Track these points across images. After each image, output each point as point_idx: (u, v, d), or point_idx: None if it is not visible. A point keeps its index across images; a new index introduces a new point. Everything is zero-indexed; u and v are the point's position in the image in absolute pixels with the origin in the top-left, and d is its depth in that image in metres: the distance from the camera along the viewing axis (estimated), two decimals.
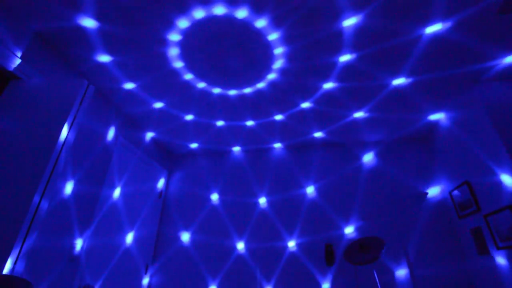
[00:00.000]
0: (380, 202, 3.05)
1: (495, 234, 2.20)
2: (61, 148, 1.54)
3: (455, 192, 2.69)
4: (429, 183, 3.06)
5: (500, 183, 2.15)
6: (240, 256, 3.08)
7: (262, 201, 3.32)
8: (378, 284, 2.29)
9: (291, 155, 3.54)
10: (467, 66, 2.21)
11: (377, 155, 3.32)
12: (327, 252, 2.84)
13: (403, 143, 3.33)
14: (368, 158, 3.32)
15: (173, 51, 2.08)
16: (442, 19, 1.82)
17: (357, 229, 2.96)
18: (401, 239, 2.73)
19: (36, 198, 1.40)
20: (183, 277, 3.06)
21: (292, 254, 2.98)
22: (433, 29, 1.89)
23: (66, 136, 1.57)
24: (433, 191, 3.00)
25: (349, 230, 2.98)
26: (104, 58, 2.15)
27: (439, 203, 2.94)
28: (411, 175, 3.13)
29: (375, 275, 2.33)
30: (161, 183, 3.50)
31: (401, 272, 2.71)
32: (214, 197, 3.45)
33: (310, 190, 3.27)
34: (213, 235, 3.24)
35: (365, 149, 3.38)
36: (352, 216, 3.04)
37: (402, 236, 2.84)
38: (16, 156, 1.50)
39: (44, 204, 1.44)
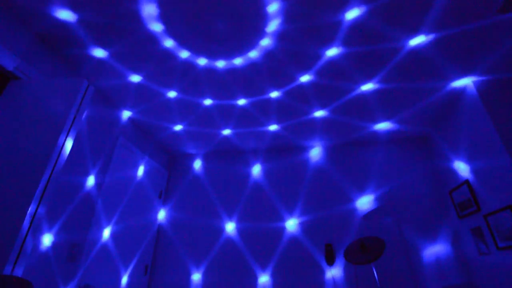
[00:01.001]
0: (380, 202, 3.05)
1: (495, 234, 2.20)
2: (61, 148, 1.54)
3: (455, 192, 2.69)
4: (429, 183, 3.06)
5: (500, 183, 2.15)
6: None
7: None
8: (378, 284, 2.29)
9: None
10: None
11: (378, 153, 3.32)
12: (327, 252, 2.84)
13: (403, 143, 3.33)
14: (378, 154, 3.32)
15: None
16: None
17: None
18: (401, 239, 2.74)
19: (36, 198, 1.40)
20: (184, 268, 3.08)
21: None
22: None
23: (66, 136, 1.57)
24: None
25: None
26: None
27: (439, 203, 2.94)
28: (411, 175, 3.13)
29: (375, 275, 2.33)
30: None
31: (401, 272, 2.71)
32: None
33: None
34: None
35: (371, 146, 3.38)
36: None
37: (403, 236, 2.84)
38: (16, 156, 1.50)
39: (42, 209, 1.44)
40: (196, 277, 3.04)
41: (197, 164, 3.73)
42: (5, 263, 1.25)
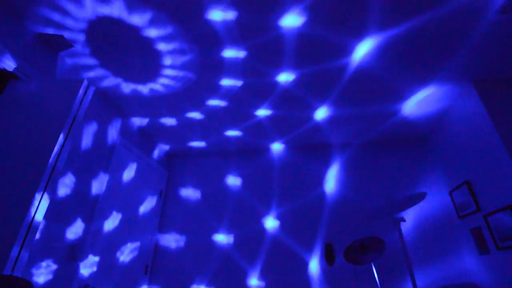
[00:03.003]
0: (380, 201, 3.05)
1: (495, 234, 2.20)
2: (61, 148, 1.54)
3: (455, 192, 2.68)
4: (428, 183, 3.05)
5: (500, 183, 2.15)
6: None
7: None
8: (378, 284, 2.30)
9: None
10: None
11: (373, 154, 3.32)
12: (327, 252, 2.84)
13: (402, 143, 3.32)
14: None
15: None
16: None
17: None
18: (401, 239, 2.74)
19: (37, 197, 1.40)
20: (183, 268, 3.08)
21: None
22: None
23: (66, 136, 1.57)
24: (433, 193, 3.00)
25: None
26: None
27: (439, 203, 2.93)
28: (410, 175, 3.12)
29: (375, 274, 2.33)
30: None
31: (401, 272, 2.71)
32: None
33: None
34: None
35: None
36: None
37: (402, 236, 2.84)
38: (16, 156, 1.51)
39: (45, 203, 1.45)
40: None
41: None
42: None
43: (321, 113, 2.89)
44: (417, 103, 2.69)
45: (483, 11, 1.77)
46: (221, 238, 3.20)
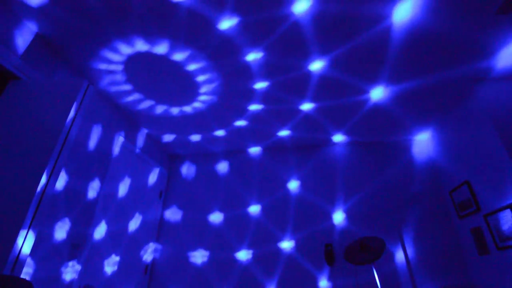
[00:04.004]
0: (380, 202, 3.05)
1: (495, 234, 2.20)
2: (61, 148, 1.54)
3: (455, 192, 2.69)
4: (429, 184, 3.06)
5: (500, 183, 2.15)
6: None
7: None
8: (378, 284, 2.29)
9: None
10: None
11: (371, 154, 3.32)
12: (326, 252, 2.84)
13: (402, 144, 3.33)
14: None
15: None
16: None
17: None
18: (401, 238, 2.74)
19: (36, 197, 1.40)
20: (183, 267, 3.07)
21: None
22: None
23: (66, 136, 1.57)
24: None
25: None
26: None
27: (439, 203, 2.94)
28: (409, 175, 3.13)
29: (375, 274, 2.33)
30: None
31: (401, 272, 2.71)
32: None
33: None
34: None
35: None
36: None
37: (401, 236, 2.84)
38: (16, 156, 1.50)
39: (42, 209, 1.44)
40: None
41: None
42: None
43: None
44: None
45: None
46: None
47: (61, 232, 2.05)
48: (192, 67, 2.23)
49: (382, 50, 2.06)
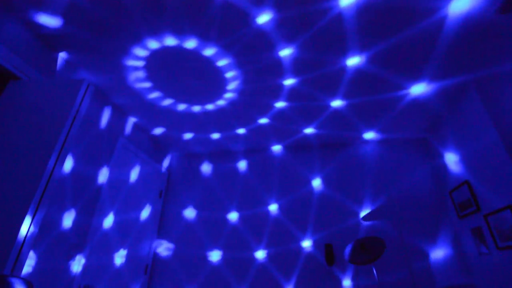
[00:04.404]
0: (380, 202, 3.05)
1: (495, 234, 2.20)
2: (61, 148, 1.54)
3: (455, 192, 2.69)
4: (429, 184, 3.06)
5: (500, 183, 2.15)
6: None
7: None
8: (378, 284, 2.29)
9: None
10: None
11: (370, 155, 3.32)
12: (327, 252, 2.84)
13: (401, 143, 3.33)
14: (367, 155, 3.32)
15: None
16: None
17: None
18: (401, 238, 2.73)
19: (36, 198, 1.40)
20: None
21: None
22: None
23: (66, 136, 1.57)
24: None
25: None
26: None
27: (439, 203, 2.94)
28: (409, 175, 3.13)
29: (375, 274, 2.33)
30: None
31: (401, 272, 2.71)
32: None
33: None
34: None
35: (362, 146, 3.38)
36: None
37: (403, 236, 2.84)
38: (16, 156, 1.50)
39: (43, 208, 1.44)
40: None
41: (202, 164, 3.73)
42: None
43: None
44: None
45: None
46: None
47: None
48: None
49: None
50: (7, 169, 1.47)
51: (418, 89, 2.45)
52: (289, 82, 2.38)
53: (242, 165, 3.61)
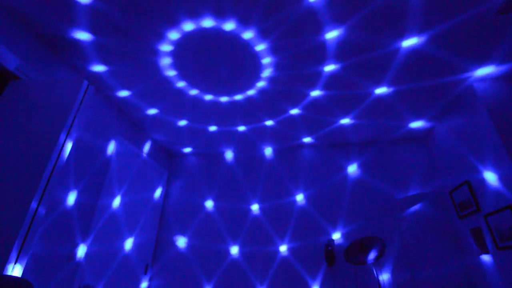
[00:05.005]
0: (380, 203, 3.05)
1: (495, 234, 2.20)
2: (61, 148, 1.54)
3: (455, 192, 2.69)
4: (428, 184, 3.06)
5: (500, 183, 2.15)
6: (234, 261, 3.09)
7: (255, 207, 3.34)
8: (378, 284, 2.29)
9: (281, 159, 3.55)
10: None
11: (373, 155, 3.32)
12: (327, 252, 2.84)
13: (401, 144, 3.33)
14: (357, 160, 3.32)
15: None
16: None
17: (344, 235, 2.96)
18: (402, 239, 2.73)
19: (35, 201, 1.39)
20: (181, 281, 3.07)
21: (284, 258, 3.00)
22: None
23: (67, 136, 1.57)
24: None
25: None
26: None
27: (439, 203, 2.94)
28: (410, 175, 3.13)
29: (375, 274, 2.33)
30: (158, 192, 3.50)
31: (401, 272, 2.71)
32: (209, 204, 3.47)
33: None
34: (209, 239, 3.26)
35: (358, 150, 3.38)
36: (340, 220, 3.05)
37: (403, 236, 2.84)
38: (16, 156, 1.50)
39: (42, 209, 1.44)
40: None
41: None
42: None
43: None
44: None
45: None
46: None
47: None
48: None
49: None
50: (6, 169, 1.47)
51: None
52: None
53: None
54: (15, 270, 1.29)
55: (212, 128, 3.14)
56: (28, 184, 1.41)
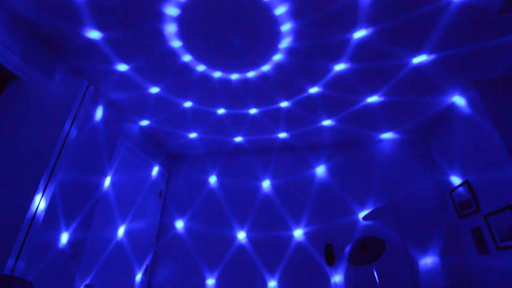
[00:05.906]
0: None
1: (495, 234, 2.20)
2: (61, 148, 1.54)
3: (455, 192, 2.69)
4: (429, 184, 3.06)
5: (500, 183, 2.15)
6: (240, 246, 3.07)
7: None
8: (378, 284, 2.29)
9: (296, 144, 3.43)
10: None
11: (375, 154, 3.32)
12: (327, 252, 2.84)
13: (401, 144, 3.33)
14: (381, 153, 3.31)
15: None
16: None
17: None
18: (402, 239, 2.73)
19: (36, 199, 1.40)
20: (183, 268, 3.06)
21: (299, 244, 2.94)
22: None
23: (67, 136, 1.57)
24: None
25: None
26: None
27: (439, 203, 2.94)
28: (410, 175, 3.13)
29: (375, 274, 2.33)
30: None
31: (401, 272, 2.71)
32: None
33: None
34: (213, 223, 3.25)
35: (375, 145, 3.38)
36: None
37: (403, 237, 2.84)
38: (16, 156, 1.50)
39: (43, 204, 1.44)
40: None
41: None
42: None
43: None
44: None
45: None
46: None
47: None
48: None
49: None
50: (6, 169, 1.47)
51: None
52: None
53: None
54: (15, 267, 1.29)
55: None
56: (29, 184, 1.41)
